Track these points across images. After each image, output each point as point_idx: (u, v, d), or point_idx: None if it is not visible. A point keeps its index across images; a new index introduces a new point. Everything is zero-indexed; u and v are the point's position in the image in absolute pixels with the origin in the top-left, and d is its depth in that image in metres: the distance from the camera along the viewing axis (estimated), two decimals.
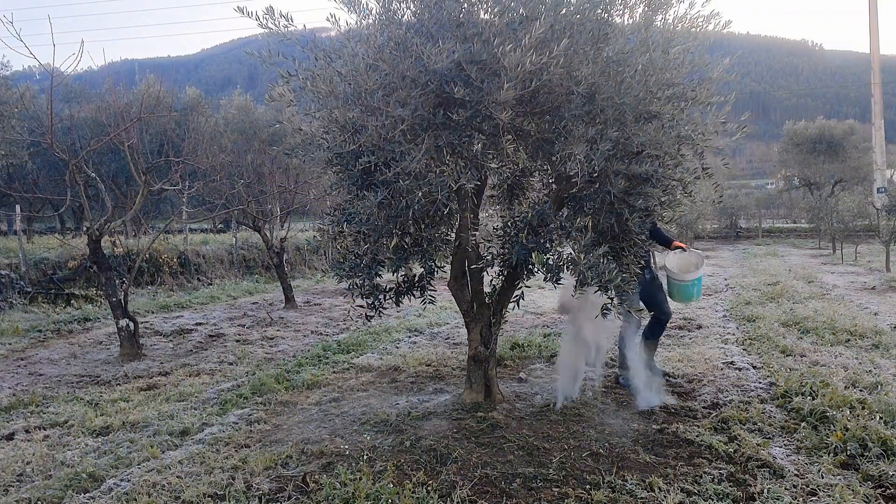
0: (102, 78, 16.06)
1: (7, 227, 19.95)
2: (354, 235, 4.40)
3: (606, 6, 3.90)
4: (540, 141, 4.13)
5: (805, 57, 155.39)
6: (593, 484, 3.58)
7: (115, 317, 7.41)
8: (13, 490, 3.71)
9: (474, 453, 4.01)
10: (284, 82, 4.00)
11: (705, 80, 4.11)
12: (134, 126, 8.67)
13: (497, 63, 3.55)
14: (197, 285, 13.71)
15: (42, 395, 5.71)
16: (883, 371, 5.66)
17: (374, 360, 6.82)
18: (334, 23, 3.98)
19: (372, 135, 3.77)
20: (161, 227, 12.59)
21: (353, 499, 3.35)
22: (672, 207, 4.41)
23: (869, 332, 7.25)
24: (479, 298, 4.99)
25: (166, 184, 8.44)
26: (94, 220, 7.56)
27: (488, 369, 5.05)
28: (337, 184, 4.60)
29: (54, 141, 7.25)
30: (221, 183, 10.95)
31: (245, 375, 6.29)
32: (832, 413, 4.44)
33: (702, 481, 3.58)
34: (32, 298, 10.74)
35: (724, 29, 4.12)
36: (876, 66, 28.63)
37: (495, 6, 3.76)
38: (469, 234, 4.68)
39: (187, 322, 9.55)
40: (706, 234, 29.69)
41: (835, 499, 3.36)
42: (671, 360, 6.39)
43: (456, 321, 8.94)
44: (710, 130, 4.06)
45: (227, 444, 4.35)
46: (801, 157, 32.98)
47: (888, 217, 15.20)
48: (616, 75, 3.76)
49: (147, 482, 3.70)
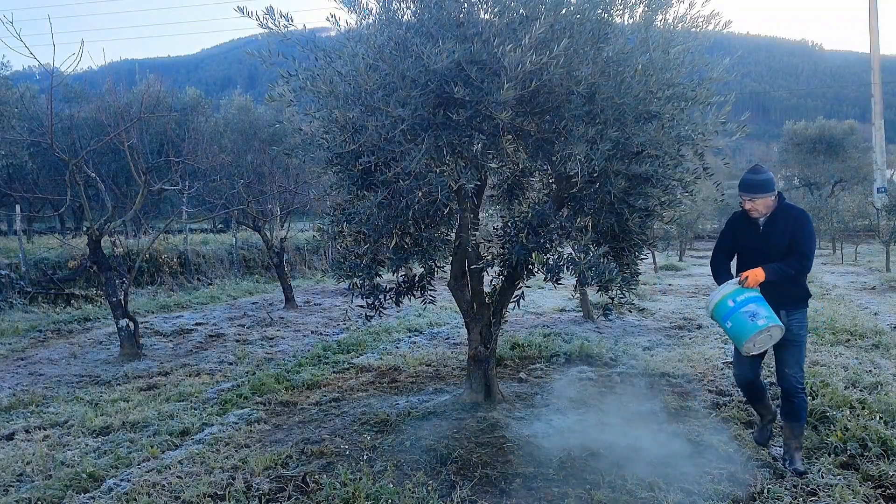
0: (102, 78, 16.05)
1: (7, 227, 19.95)
2: (354, 235, 4.40)
3: (606, 6, 3.89)
4: (540, 141, 4.13)
5: (805, 57, 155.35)
6: (593, 484, 3.58)
7: (115, 317, 7.40)
8: (13, 490, 3.71)
9: (474, 453, 4.01)
10: (284, 82, 4.00)
11: (705, 80, 4.11)
12: (134, 126, 8.66)
13: (497, 63, 3.55)
14: (197, 285, 13.71)
15: (42, 395, 5.71)
16: (883, 371, 5.66)
17: (374, 360, 6.82)
18: (334, 23, 3.98)
19: (372, 135, 3.77)
20: (161, 227, 12.58)
21: (353, 499, 3.35)
22: (672, 207, 4.41)
23: (869, 332, 7.25)
24: (479, 298, 4.99)
25: (166, 184, 8.44)
26: (94, 220, 7.56)
27: (488, 369, 5.05)
28: (337, 184, 4.60)
29: (54, 141, 7.26)
30: (221, 183, 10.95)
31: (245, 375, 6.29)
32: (832, 413, 4.45)
33: (702, 481, 3.58)
34: (32, 298, 10.73)
35: (724, 29, 4.11)
36: (876, 66, 28.64)
37: (495, 6, 3.75)
38: (469, 234, 4.68)
39: (187, 322, 9.55)
40: (706, 234, 29.67)
41: (835, 499, 3.36)
42: (671, 360, 6.39)
43: (456, 321, 8.94)
44: (710, 130, 4.06)
45: (227, 444, 4.35)
46: (801, 157, 32.99)
47: (888, 217, 15.21)
48: (616, 75, 3.76)
49: (147, 482, 3.70)
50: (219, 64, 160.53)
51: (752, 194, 3.69)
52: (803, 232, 3.66)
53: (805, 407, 3.79)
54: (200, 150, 11.41)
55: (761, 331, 3.57)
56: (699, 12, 4.01)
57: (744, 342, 3.64)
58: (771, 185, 3.68)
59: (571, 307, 9.90)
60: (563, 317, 9.34)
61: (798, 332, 3.75)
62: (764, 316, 3.58)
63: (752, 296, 3.65)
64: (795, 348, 3.75)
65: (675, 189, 4.31)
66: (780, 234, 3.70)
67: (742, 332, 3.61)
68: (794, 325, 3.73)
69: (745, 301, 3.62)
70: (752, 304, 3.62)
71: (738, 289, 3.67)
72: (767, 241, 3.73)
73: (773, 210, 3.73)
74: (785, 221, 3.71)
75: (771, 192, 3.68)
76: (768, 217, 3.74)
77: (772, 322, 3.58)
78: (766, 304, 3.63)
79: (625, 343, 7.25)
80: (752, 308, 3.60)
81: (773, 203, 3.73)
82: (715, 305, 3.74)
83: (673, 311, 9.63)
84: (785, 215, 3.72)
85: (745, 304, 3.62)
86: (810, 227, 3.71)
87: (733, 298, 3.67)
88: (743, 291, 3.65)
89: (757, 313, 3.59)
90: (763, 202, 3.69)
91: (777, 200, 3.75)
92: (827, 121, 34.72)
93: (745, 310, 3.61)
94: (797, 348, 3.75)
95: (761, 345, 3.67)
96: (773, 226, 3.73)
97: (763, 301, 3.64)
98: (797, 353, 3.75)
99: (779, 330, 3.63)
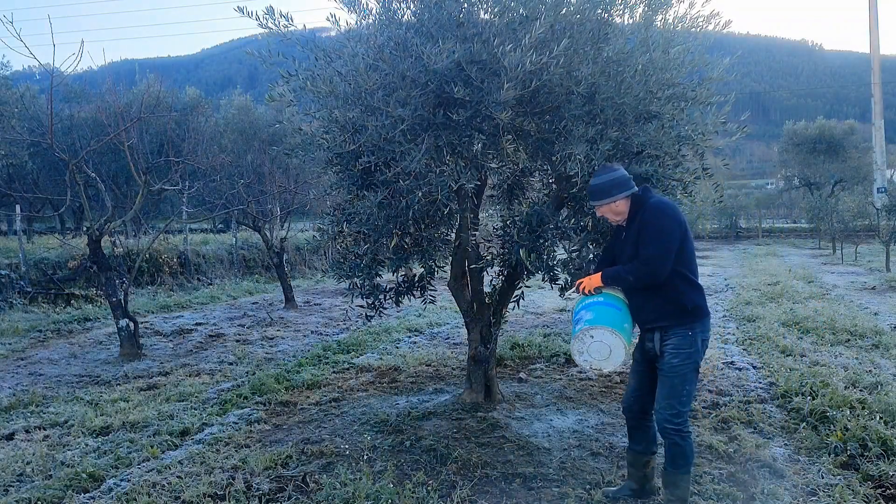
0: (102, 78, 16.05)
1: (7, 227, 19.94)
2: (354, 235, 4.40)
3: (606, 6, 3.89)
4: (540, 141, 4.13)
5: (805, 57, 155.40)
6: (593, 484, 3.58)
7: (115, 317, 7.40)
8: (13, 490, 3.71)
9: (474, 453, 4.01)
10: (284, 82, 4.00)
11: (705, 80, 4.11)
12: (134, 126, 8.66)
13: (497, 63, 3.55)
14: (197, 285, 13.71)
15: (42, 395, 5.71)
16: (883, 371, 5.67)
17: (374, 360, 6.82)
18: (334, 23, 3.98)
19: (372, 135, 3.77)
20: (161, 227, 12.58)
21: (353, 499, 3.35)
22: None
23: (869, 332, 7.25)
24: (479, 298, 4.99)
25: (166, 184, 8.44)
26: (94, 220, 7.56)
27: (488, 369, 5.05)
28: (337, 184, 4.60)
29: (54, 141, 7.26)
30: (221, 183, 10.95)
31: (245, 375, 6.29)
32: (832, 413, 4.44)
33: (702, 481, 3.58)
34: (32, 298, 10.73)
35: (724, 29, 4.11)
36: (876, 66, 28.62)
37: (495, 6, 3.75)
38: (469, 234, 4.68)
39: (187, 322, 9.55)
40: (706, 233, 29.74)
41: (835, 499, 3.36)
42: None
43: (456, 321, 8.94)
44: (710, 130, 4.06)
45: (227, 444, 4.35)
46: (801, 157, 33.01)
47: (888, 217, 15.21)
48: (616, 75, 3.76)
49: (147, 482, 3.70)
50: (219, 64, 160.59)
51: (593, 202, 3.25)
52: (647, 232, 3.08)
53: (684, 454, 3.10)
54: (200, 150, 11.41)
55: (576, 336, 3.11)
56: (699, 12, 4.01)
57: (573, 354, 3.20)
58: (609, 190, 3.16)
59: (571, 307, 9.88)
60: (563, 317, 9.34)
61: (671, 360, 3.09)
62: (585, 320, 3.13)
63: (591, 302, 3.22)
64: (667, 380, 3.10)
65: (675, 189, 4.31)
66: (629, 239, 3.19)
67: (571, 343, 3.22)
68: (668, 352, 3.11)
69: (581, 307, 3.26)
70: (584, 310, 3.22)
71: (581, 297, 3.30)
72: (624, 249, 3.22)
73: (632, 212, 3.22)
74: (635, 223, 3.17)
75: (610, 197, 3.16)
76: (627, 221, 3.24)
77: (591, 324, 3.08)
78: (604, 307, 3.17)
79: None
80: (582, 314, 3.20)
81: (625, 206, 3.20)
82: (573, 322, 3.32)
83: None
84: (637, 216, 3.17)
85: (577, 313, 3.26)
86: (658, 224, 3.08)
87: (576, 309, 3.30)
88: (584, 300, 3.26)
89: (580, 318, 3.16)
90: (608, 208, 3.21)
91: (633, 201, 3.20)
92: (827, 121, 34.74)
93: (577, 317, 3.22)
94: (669, 381, 3.10)
95: (599, 356, 3.12)
96: (629, 230, 3.22)
97: (600, 305, 3.18)
98: (668, 385, 3.10)
99: (609, 333, 3.09)
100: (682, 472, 3.13)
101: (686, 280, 3.11)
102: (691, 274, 3.15)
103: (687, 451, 3.11)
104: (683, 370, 3.09)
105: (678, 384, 3.09)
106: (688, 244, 3.15)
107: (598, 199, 3.22)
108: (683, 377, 3.09)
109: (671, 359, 3.10)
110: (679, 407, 3.09)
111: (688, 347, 3.09)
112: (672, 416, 3.08)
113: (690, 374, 3.11)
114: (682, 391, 3.09)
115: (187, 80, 60.80)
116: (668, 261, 3.04)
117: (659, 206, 3.14)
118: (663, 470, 3.22)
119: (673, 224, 3.08)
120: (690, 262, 3.16)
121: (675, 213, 3.14)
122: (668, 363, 3.11)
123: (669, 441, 3.11)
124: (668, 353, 3.11)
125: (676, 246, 3.06)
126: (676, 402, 3.08)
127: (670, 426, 3.08)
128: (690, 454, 3.14)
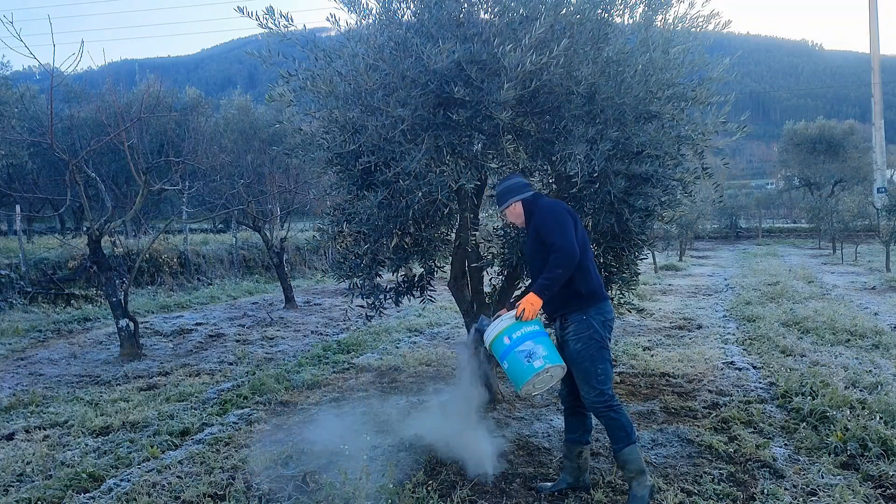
0: (102, 78, 16.05)
1: (7, 227, 19.96)
2: (354, 235, 4.40)
3: (606, 6, 3.90)
4: (540, 141, 4.13)
5: (805, 57, 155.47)
6: (593, 484, 3.57)
7: (115, 317, 7.40)
8: (13, 490, 3.71)
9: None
10: (284, 82, 4.01)
11: (705, 80, 4.11)
12: (134, 126, 8.67)
13: (497, 63, 3.55)
14: (197, 285, 13.71)
15: (42, 395, 5.71)
16: (883, 371, 5.66)
17: (374, 360, 6.82)
18: (334, 23, 3.98)
19: (372, 135, 3.77)
20: (161, 227, 12.59)
21: (353, 499, 3.35)
22: (672, 207, 4.41)
23: (869, 332, 7.25)
24: (479, 298, 4.99)
25: (166, 184, 8.44)
26: (94, 220, 7.56)
27: (488, 369, 5.04)
28: (337, 184, 4.60)
29: (54, 141, 7.25)
30: (221, 183, 10.94)
31: (245, 375, 6.29)
32: (832, 413, 4.44)
33: (702, 481, 3.58)
34: (32, 298, 10.73)
35: (724, 29, 4.12)
36: (876, 66, 28.64)
37: (495, 6, 3.76)
38: (469, 234, 4.68)
39: (187, 322, 9.54)
40: (706, 234, 29.71)
41: (835, 499, 3.36)
42: (671, 360, 6.39)
43: (456, 321, 8.94)
44: (710, 130, 4.07)
45: (227, 444, 4.36)
46: (801, 157, 33.00)
47: (888, 217, 15.21)
48: (616, 75, 3.76)
49: (147, 482, 3.70)
50: (219, 64, 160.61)
51: (498, 207, 3.57)
52: (545, 226, 3.26)
53: (621, 426, 3.23)
54: (200, 150, 11.40)
55: (538, 373, 3.16)
56: (699, 12, 4.02)
57: (521, 386, 3.20)
58: (504, 196, 3.48)
59: None
60: None
61: (574, 346, 3.25)
62: (541, 356, 3.16)
63: (529, 331, 3.22)
64: (577, 366, 3.25)
65: (675, 189, 4.31)
66: (530, 236, 3.39)
67: (519, 376, 3.19)
68: (570, 339, 3.27)
69: (522, 338, 3.20)
70: (529, 341, 3.19)
71: (514, 323, 3.23)
72: (527, 247, 3.47)
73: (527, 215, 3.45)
74: (531, 224, 3.40)
75: (506, 202, 3.47)
76: (525, 223, 3.48)
77: (550, 363, 3.16)
78: (547, 339, 3.25)
79: (625, 343, 7.24)
80: (528, 346, 3.17)
81: (521, 209, 3.45)
82: (491, 343, 3.32)
83: (673, 311, 9.63)
84: (532, 217, 3.39)
85: (521, 342, 3.20)
86: (551, 216, 3.27)
87: (510, 335, 3.24)
88: (520, 326, 3.21)
89: (534, 353, 3.16)
90: (510, 212, 3.50)
91: (527, 205, 3.44)
92: (827, 121, 34.73)
93: (522, 349, 3.18)
94: (579, 366, 3.24)
95: (542, 385, 3.27)
96: (528, 231, 3.44)
97: (542, 336, 3.23)
98: (581, 370, 3.24)
99: (560, 369, 3.23)
100: (627, 445, 3.23)
101: (580, 267, 3.25)
102: (586, 260, 3.32)
103: (623, 422, 3.25)
104: (589, 352, 3.24)
105: (589, 366, 3.24)
106: (579, 233, 3.33)
107: (498, 204, 3.57)
108: (592, 358, 3.24)
109: (574, 345, 3.27)
110: (599, 386, 3.23)
111: (586, 330, 3.25)
112: (596, 396, 3.23)
113: (597, 353, 3.25)
114: (595, 371, 3.23)
115: (187, 80, 60.85)
116: (573, 243, 3.20)
117: (548, 204, 3.41)
118: (613, 455, 3.34)
119: (564, 213, 3.31)
120: (585, 251, 3.32)
121: (563, 207, 3.39)
122: (573, 350, 3.27)
123: (605, 419, 3.25)
124: (571, 341, 3.28)
125: (573, 230, 3.25)
126: (595, 382, 3.23)
127: (599, 405, 3.24)
128: (628, 423, 3.26)
